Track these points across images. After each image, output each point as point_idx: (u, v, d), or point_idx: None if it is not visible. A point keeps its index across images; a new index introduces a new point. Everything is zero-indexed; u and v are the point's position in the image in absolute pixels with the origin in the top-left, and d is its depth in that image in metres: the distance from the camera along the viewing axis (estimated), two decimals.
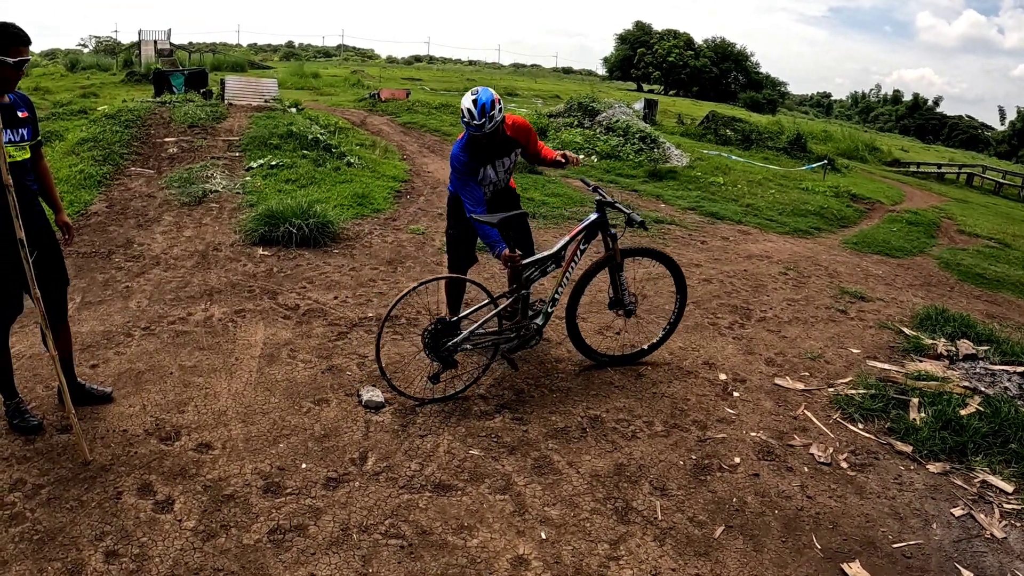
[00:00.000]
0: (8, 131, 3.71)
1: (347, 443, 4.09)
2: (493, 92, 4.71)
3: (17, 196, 3.74)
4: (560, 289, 5.03)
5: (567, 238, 5.03)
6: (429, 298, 5.78)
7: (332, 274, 6.93)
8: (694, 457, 4.26)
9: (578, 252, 5.07)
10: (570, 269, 5.04)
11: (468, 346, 4.76)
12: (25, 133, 3.85)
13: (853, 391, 5.24)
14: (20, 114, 3.82)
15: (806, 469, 4.24)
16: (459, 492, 3.74)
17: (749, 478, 4.10)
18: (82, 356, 4.88)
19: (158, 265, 6.88)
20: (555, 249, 4.95)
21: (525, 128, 5.13)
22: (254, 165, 11.16)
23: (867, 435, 4.70)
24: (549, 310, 5.04)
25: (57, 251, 4.14)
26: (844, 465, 4.32)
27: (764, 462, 4.28)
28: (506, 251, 4.68)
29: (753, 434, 4.58)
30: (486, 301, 4.80)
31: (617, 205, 5.00)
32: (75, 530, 3.26)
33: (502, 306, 4.80)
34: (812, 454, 4.40)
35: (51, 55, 49.09)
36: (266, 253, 7.42)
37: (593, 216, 5.05)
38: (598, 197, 5.09)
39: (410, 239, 8.35)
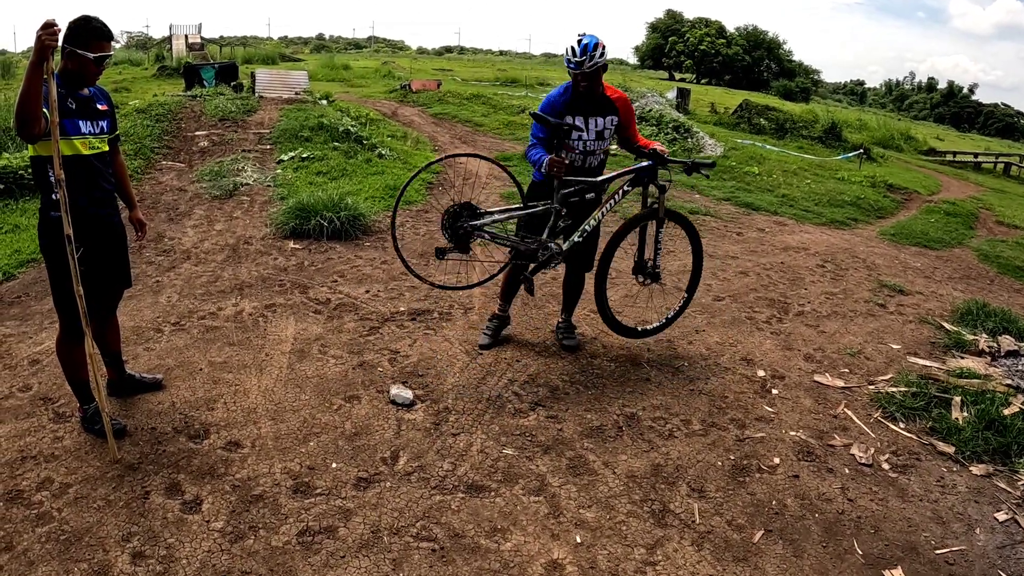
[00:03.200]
0: (88, 122, 3.70)
1: (378, 442, 4.01)
2: (599, 38, 4.56)
3: (96, 191, 3.79)
4: (592, 222, 4.89)
5: (613, 173, 4.94)
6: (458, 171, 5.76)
7: (363, 267, 6.86)
8: (732, 457, 4.12)
9: (619, 192, 4.95)
10: (607, 206, 4.91)
11: (485, 234, 4.69)
12: (104, 125, 3.84)
13: (894, 389, 5.06)
14: (100, 107, 3.80)
15: (847, 470, 4.09)
16: (492, 493, 3.63)
17: (789, 479, 3.95)
18: None
19: (188, 259, 6.86)
20: (599, 179, 4.85)
21: (626, 102, 4.93)
22: (285, 158, 11.14)
23: (909, 435, 4.53)
24: (577, 238, 4.88)
25: (125, 252, 4.16)
26: (886, 466, 4.16)
27: (804, 463, 4.12)
28: (552, 156, 4.60)
29: (792, 433, 4.43)
30: (517, 206, 4.79)
31: (674, 160, 4.87)
32: (102, 530, 3.21)
33: (530, 210, 4.74)
34: (853, 455, 4.24)
35: None
36: (297, 246, 7.37)
37: (645, 162, 4.87)
38: (652, 150, 4.88)
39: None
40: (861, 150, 19.84)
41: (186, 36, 40.40)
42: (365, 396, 4.47)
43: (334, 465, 3.77)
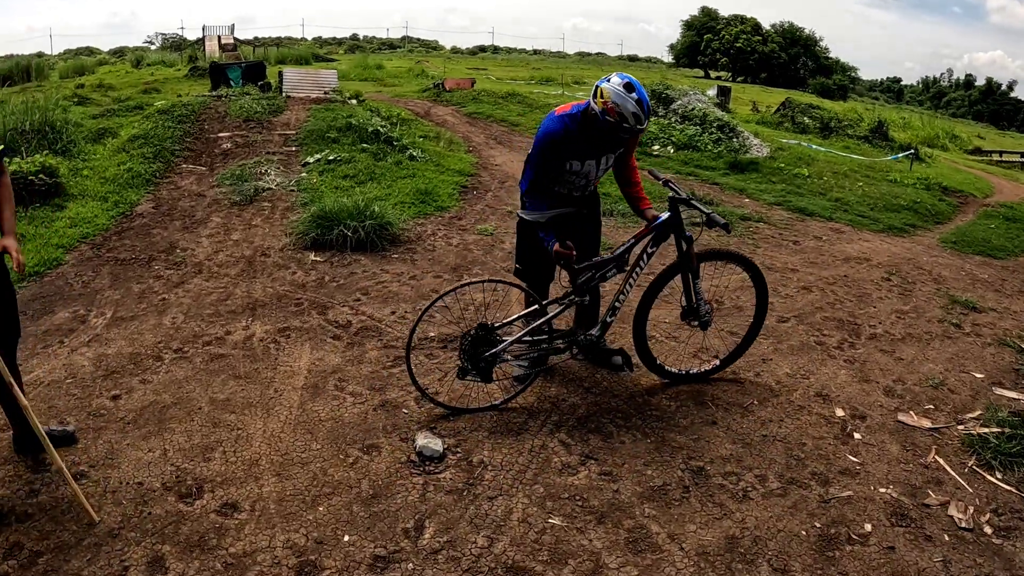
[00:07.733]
0: None
1: (400, 507, 3.37)
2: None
3: None
4: (621, 297, 4.39)
5: (631, 239, 4.38)
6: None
7: (390, 283, 6.24)
8: (818, 524, 3.44)
9: (644, 256, 4.37)
10: (634, 275, 4.39)
11: (509, 358, 4.18)
12: None
13: (985, 429, 4.38)
14: None
15: (946, 537, 3.42)
16: None
17: (883, 552, 3.28)
18: (104, 384, 4.35)
19: (200, 273, 6.29)
20: (617, 252, 4.32)
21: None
22: (310, 160, 10.61)
23: (1008, 488, 3.85)
24: (608, 319, 4.44)
25: (9, 295, 3.42)
26: (988, 530, 3.49)
27: (899, 528, 3.45)
28: (556, 245, 4.01)
29: (882, 490, 3.74)
30: (533, 308, 4.22)
31: (694, 203, 4.21)
32: None
33: (552, 315, 4.20)
34: (951, 516, 3.58)
35: (119, 53, 49.99)
36: (318, 259, 6.78)
37: (664, 215, 4.29)
38: (671, 193, 4.30)
39: (477, 241, 7.62)
40: (912, 151, 18.94)
41: (219, 37, 40.32)
42: (387, 445, 3.84)
43: (346, 538, 3.15)
